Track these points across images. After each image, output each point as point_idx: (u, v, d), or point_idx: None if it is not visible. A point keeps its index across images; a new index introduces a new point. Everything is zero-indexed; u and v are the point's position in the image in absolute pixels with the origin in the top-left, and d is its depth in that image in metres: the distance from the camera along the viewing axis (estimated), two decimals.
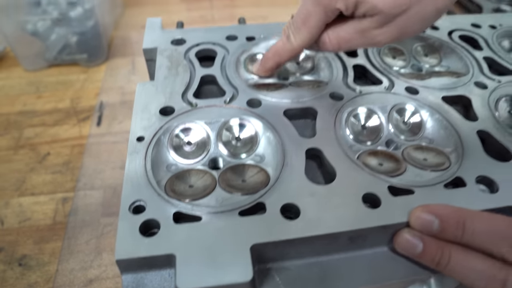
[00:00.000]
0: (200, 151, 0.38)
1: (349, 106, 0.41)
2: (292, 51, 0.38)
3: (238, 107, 0.40)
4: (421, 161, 0.38)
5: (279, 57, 0.40)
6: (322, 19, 0.34)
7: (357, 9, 0.32)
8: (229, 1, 1.15)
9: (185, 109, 0.40)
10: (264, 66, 0.43)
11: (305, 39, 0.36)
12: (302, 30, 0.36)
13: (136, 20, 1.08)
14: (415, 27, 0.32)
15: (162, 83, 0.43)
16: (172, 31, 0.52)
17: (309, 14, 0.34)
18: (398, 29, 0.32)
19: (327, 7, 0.33)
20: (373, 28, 0.33)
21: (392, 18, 0.31)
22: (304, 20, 0.35)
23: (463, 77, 0.47)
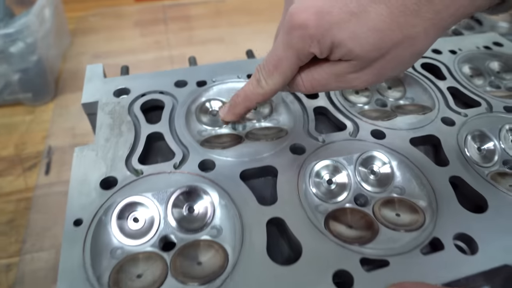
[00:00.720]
0: (149, 229, 0.33)
1: (312, 159, 0.38)
2: (263, 95, 0.35)
3: (189, 172, 0.36)
4: (394, 218, 0.35)
5: (249, 102, 0.37)
6: (295, 63, 0.32)
7: (332, 53, 0.30)
8: (184, 23, 1.11)
9: (129, 179, 0.35)
10: (233, 112, 0.39)
11: (277, 83, 0.34)
12: (274, 74, 0.33)
13: (86, 49, 1.02)
14: (393, 71, 0.30)
15: (103, 147, 0.38)
16: (115, 79, 0.47)
17: (281, 58, 0.32)
18: (375, 73, 0.30)
19: (300, 51, 0.30)
20: (349, 73, 0.31)
21: (369, 63, 0.29)
22: (276, 65, 0.32)
23: (429, 113, 0.44)
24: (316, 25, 0.28)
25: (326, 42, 0.28)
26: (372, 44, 0.28)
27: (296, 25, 0.29)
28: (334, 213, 0.35)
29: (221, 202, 0.34)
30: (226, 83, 0.47)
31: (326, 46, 0.29)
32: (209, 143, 0.39)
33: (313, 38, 0.28)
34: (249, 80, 0.36)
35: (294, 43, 0.30)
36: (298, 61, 0.31)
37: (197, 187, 0.35)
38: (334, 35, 0.28)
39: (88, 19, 1.11)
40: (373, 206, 0.36)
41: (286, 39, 0.30)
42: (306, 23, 0.28)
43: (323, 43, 0.28)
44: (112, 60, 0.99)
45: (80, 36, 1.08)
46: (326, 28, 0.28)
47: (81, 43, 1.06)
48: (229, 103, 0.40)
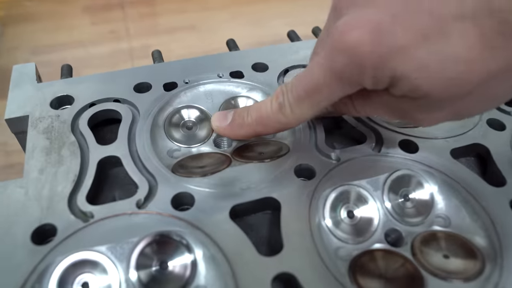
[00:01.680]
0: None
1: (325, 185, 0.34)
2: (284, 124, 0.33)
3: (159, 212, 0.31)
4: (442, 262, 0.31)
5: (262, 128, 0.34)
6: (335, 93, 0.29)
7: (392, 87, 0.26)
8: (146, 8, 1.04)
9: (74, 226, 0.30)
10: (237, 132, 0.36)
11: (305, 114, 0.31)
12: (304, 103, 0.30)
13: (21, 42, 0.95)
14: (478, 109, 0.28)
15: (35, 181, 0.33)
16: (53, 84, 0.42)
17: (318, 85, 0.29)
18: (452, 114, 0.28)
19: (345, 81, 0.27)
20: (416, 112, 0.28)
21: (444, 104, 0.26)
22: (310, 91, 0.29)
23: None
24: (371, 50, 0.24)
25: (383, 75, 0.25)
26: (451, 80, 0.24)
27: (343, 47, 0.25)
28: (360, 260, 0.31)
29: (206, 253, 0.30)
30: (203, 84, 0.42)
31: (383, 80, 0.26)
32: (184, 168, 0.35)
33: (365, 68, 0.25)
34: (266, 99, 0.33)
35: (338, 70, 0.26)
36: (340, 92, 0.28)
37: (171, 234, 0.30)
38: (395, 66, 0.24)
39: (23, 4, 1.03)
40: (412, 245, 0.32)
41: (328, 62, 0.27)
42: (358, 46, 0.24)
43: (379, 75, 0.25)
44: (56, 55, 0.92)
45: (13, 26, 1.00)
46: (384, 55, 0.24)
47: (15, 34, 0.98)
48: (233, 116, 0.36)
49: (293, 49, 0.47)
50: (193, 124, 0.39)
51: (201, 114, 0.40)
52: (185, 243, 0.29)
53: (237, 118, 0.36)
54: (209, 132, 0.39)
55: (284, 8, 1.03)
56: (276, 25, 0.97)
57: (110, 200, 0.34)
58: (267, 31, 0.93)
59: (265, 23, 0.95)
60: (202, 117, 0.40)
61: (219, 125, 0.37)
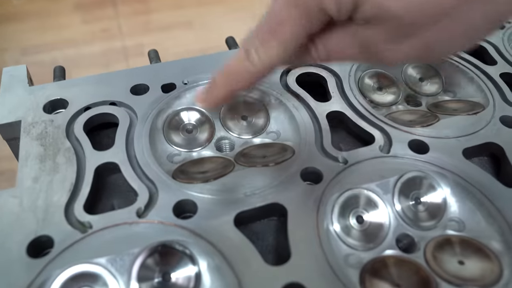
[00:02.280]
0: None
1: (333, 190, 0.34)
2: (254, 73, 0.31)
3: (160, 221, 0.31)
4: (457, 269, 0.31)
5: (234, 82, 0.33)
6: (301, 27, 0.27)
7: (356, 11, 0.25)
8: (140, 4, 1.04)
9: (72, 238, 0.30)
10: (211, 94, 0.35)
11: (274, 56, 0.30)
12: (271, 43, 0.29)
13: (10, 43, 0.94)
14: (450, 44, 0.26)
15: (30, 191, 0.33)
16: (46, 87, 0.42)
17: (282, 20, 0.28)
18: (421, 46, 0.26)
19: (310, 9, 0.26)
20: (381, 41, 0.26)
21: (413, 29, 0.25)
22: (274, 29, 0.28)
23: (482, 112, 0.41)
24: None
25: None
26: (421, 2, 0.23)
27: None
28: (372, 267, 0.31)
29: (210, 264, 0.30)
30: (203, 85, 0.41)
31: (346, 2, 0.25)
32: (185, 174, 0.34)
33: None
34: (234, 54, 0.32)
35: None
36: (306, 25, 0.27)
37: (174, 244, 0.30)
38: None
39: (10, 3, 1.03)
40: (425, 251, 0.32)
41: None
42: None
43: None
44: (46, 55, 0.92)
45: (0, 26, 1.00)
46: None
47: (3, 35, 0.98)
48: (207, 84, 0.36)
49: None
50: (193, 127, 0.39)
51: (202, 117, 0.40)
52: (188, 253, 0.29)
53: (209, 82, 0.36)
54: (210, 135, 0.39)
55: None
56: None
57: (108, 209, 0.34)
58: None
59: None
60: (202, 119, 0.39)
61: (196, 98, 0.37)
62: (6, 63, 0.88)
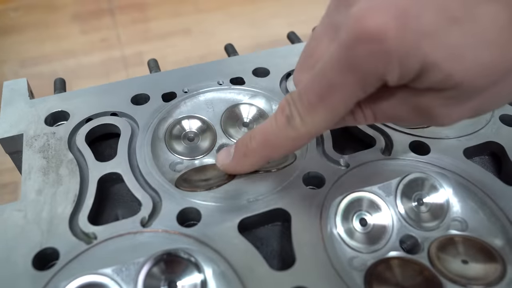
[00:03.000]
0: None
1: (336, 193, 0.34)
2: (296, 140, 0.29)
3: (165, 230, 0.31)
4: (461, 268, 0.31)
5: (271, 150, 0.31)
6: (355, 94, 0.25)
7: (418, 79, 0.24)
8: (138, 13, 1.04)
9: (77, 249, 0.30)
10: (243, 163, 0.33)
11: (321, 124, 0.27)
12: (318, 109, 0.27)
13: (8, 55, 0.95)
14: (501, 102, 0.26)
15: (34, 203, 0.33)
16: (47, 99, 0.42)
17: (333, 86, 0.25)
18: (476, 108, 0.25)
19: (367, 77, 0.24)
20: (440, 106, 0.25)
21: (472, 94, 0.24)
22: (323, 95, 0.26)
23: None
24: (398, 36, 0.22)
25: (412, 64, 0.22)
26: (484, 66, 0.22)
27: (365, 36, 0.22)
28: (376, 269, 0.31)
29: (216, 270, 0.30)
30: (203, 93, 0.42)
31: (411, 70, 0.23)
32: (188, 182, 0.35)
33: (391, 57, 0.22)
34: (270, 117, 0.30)
35: (359, 63, 0.23)
36: (360, 92, 0.25)
37: (179, 252, 0.30)
38: (425, 53, 0.22)
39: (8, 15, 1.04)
40: (429, 251, 0.32)
41: (345, 57, 0.24)
42: (383, 33, 0.22)
43: (407, 65, 0.22)
44: (45, 67, 0.92)
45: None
46: (413, 41, 0.22)
47: (1, 47, 0.98)
48: (235, 147, 0.33)
49: (294, 52, 0.47)
50: (195, 135, 0.39)
51: (203, 124, 0.40)
52: (193, 261, 0.29)
53: (240, 147, 0.33)
54: (212, 143, 0.39)
55: (280, 7, 1.03)
56: (273, 25, 0.97)
57: (113, 219, 0.34)
58: (265, 31, 0.94)
59: (262, 23, 0.95)
60: (203, 127, 0.40)
61: (223, 163, 0.34)
62: (4, 76, 0.88)
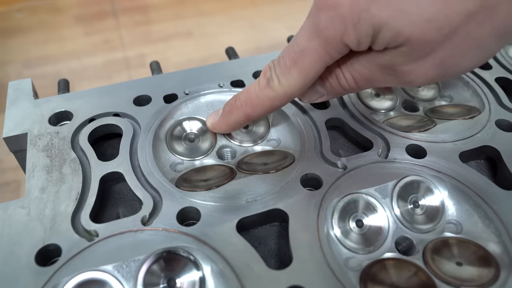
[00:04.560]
0: None
1: (333, 195, 0.34)
2: (274, 100, 0.33)
3: (165, 228, 0.32)
4: (455, 270, 0.31)
5: (251, 108, 0.34)
6: (322, 57, 0.29)
7: (374, 41, 0.27)
8: (140, 16, 1.05)
9: (79, 246, 0.31)
10: (227, 120, 0.36)
11: (294, 84, 0.31)
12: (292, 71, 0.31)
13: (13, 55, 0.95)
14: (465, 59, 0.27)
15: (37, 200, 0.34)
16: (51, 100, 0.42)
17: (303, 50, 0.30)
18: (438, 64, 0.27)
19: (329, 41, 0.28)
20: (401, 64, 0.28)
21: (427, 49, 0.26)
22: (296, 58, 0.30)
23: (478, 116, 0.41)
24: (350, 3, 0.26)
25: (364, 26, 0.26)
26: (428, 20, 0.25)
27: (324, 5, 0.27)
28: (371, 270, 0.32)
29: (214, 268, 0.30)
30: (204, 95, 0.43)
31: (365, 32, 0.26)
32: (188, 182, 0.35)
33: (346, 22, 0.26)
34: (255, 81, 0.33)
35: (321, 29, 0.28)
36: (326, 55, 0.29)
37: (178, 251, 0.30)
38: (374, 15, 0.25)
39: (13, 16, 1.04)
40: (424, 253, 0.33)
41: (311, 25, 0.28)
42: (338, 2, 0.26)
43: (361, 27, 0.26)
44: (49, 67, 0.93)
45: (2, 39, 1.01)
46: (363, 7, 0.25)
47: (5, 47, 0.99)
48: (223, 109, 0.37)
49: None
50: (195, 136, 0.40)
51: (203, 126, 0.40)
52: (192, 259, 0.30)
53: (226, 106, 0.36)
54: (212, 144, 0.39)
55: (280, 11, 1.04)
56: (273, 28, 0.98)
57: (114, 217, 0.35)
58: (265, 34, 0.94)
59: (263, 27, 0.96)
60: (204, 129, 0.40)
61: (209, 123, 0.38)
62: (8, 76, 0.89)
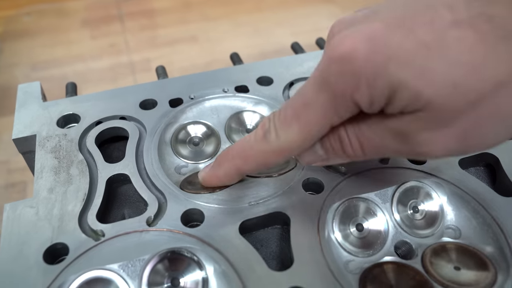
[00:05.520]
0: None
1: (334, 199, 0.35)
2: (268, 155, 0.29)
3: (169, 229, 0.32)
4: (453, 274, 0.32)
5: (243, 161, 0.31)
6: (327, 115, 0.26)
7: (390, 102, 0.24)
8: (146, 20, 1.06)
9: (86, 245, 0.31)
10: (217, 172, 0.33)
11: (293, 140, 0.28)
12: (292, 125, 0.27)
13: (20, 58, 0.97)
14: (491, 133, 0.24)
15: (45, 200, 0.34)
16: (59, 102, 0.43)
17: (307, 104, 0.26)
18: (460, 136, 0.24)
19: (338, 98, 0.25)
20: (418, 132, 0.24)
21: (449, 118, 0.23)
22: (298, 112, 0.27)
23: None
24: (366, 57, 0.23)
25: (380, 84, 0.23)
26: (454, 83, 0.21)
27: (335, 56, 0.24)
28: (370, 273, 0.32)
29: (217, 269, 0.31)
30: (208, 99, 0.43)
31: (380, 91, 0.23)
32: (192, 185, 0.36)
33: (359, 77, 0.23)
34: (252, 132, 0.31)
35: (330, 83, 0.24)
36: (332, 113, 0.26)
37: (182, 251, 0.31)
38: (392, 72, 0.22)
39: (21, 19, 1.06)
40: (422, 257, 0.33)
41: (319, 76, 0.25)
42: (352, 54, 0.23)
43: (375, 85, 0.23)
44: (56, 70, 0.94)
45: (11, 42, 1.02)
46: (381, 63, 0.22)
47: (13, 50, 1.00)
48: (215, 160, 0.34)
49: (297, 62, 0.48)
50: (200, 140, 0.41)
51: (208, 130, 0.41)
52: (196, 260, 0.30)
53: (218, 157, 0.33)
54: (216, 148, 0.40)
55: (285, 17, 1.05)
56: (278, 34, 0.99)
57: (119, 218, 0.35)
58: (269, 40, 0.95)
59: (267, 32, 0.97)
60: (208, 132, 0.41)
61: (202, 173, 0.35)
62: (16, 78, 0.90)
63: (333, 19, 0.27)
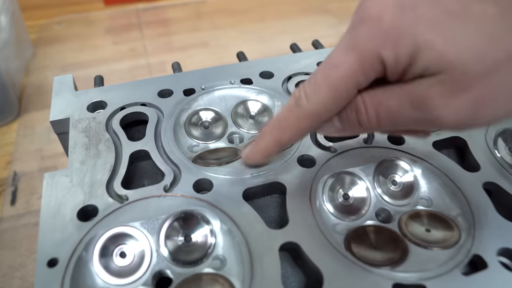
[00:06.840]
0: (139, 265, 0.31)
1: (324, 172, 0.36)
2: (301, 119, 0.28)
3: (183, 195, 0.34)
4: (424, 234, 0.33)
5: (280, 131, 0.30)
6: (355, 74, 0.25)
7: (413, 63, 0.23)
8: (162, 28, 1.09)
9: (112, 207, 0.33)
10: (258, 148, 0.33)
11: (323, 101, 0.26)
12: (321, 88, 0.26)
13: (51, 61, 0.99)
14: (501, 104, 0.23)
15: (78, 170, 0.36)
16: (89, 92, 0.45)
17: (336, 65, 0.25)
18: (472, 104, 0.23)
19: (366, 56, 0.24)
20: (435, 96, 0.23)
21: (466, 83, 0.22)
22: (327, 73, 0.26)
23: None
24: (394, 19, 0.22)
25: (406, 43, 0.22)
26: (475, 50, 0.21)
27: (366, 16, 0.23)
28: (354, 233, 0.34)
29: (223, 227, 0.32)
30: (217, 90, 0.45)
31: (406, 49, 0.22)
32: (203, 159, 0.38)
33: (387, 36, 0.23)
34: None
35: (360, 42, 0.24)
36: (360, 72, 0.24)
37: (194, 212, 0.33)
38: (418, 33, 0.22)
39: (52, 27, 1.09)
40: (399, 221, 0.35)
41: (349, 38, 0.25)
42: (381, 15, 0.23)
43: (402, 43, 0.22)
44: (82, 72, 0.97)
45: (43, 47, 1.05)
46: (407, 24, 0.22)
47: (46, 54, 1.03)
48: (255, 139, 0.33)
49: (295, 59, 0.50)
50: (209, 124, 0.42)
51: (216, 115, 0.43)
52: (205, 219, 0.32)
53: (258, 135, 0.33)
54: (223, 131, 0.42)
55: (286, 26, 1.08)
56: (279, 41, 1.01)
57: (141, 186, 0.37)
58: (272, 46, 0.98)
59: (270, 39, 0.99)
60: (217, 117, 0.43)
61: (244, 156, 0.35)
62: (48, 79, 0.93)
63: (330, 28, 0.28)
